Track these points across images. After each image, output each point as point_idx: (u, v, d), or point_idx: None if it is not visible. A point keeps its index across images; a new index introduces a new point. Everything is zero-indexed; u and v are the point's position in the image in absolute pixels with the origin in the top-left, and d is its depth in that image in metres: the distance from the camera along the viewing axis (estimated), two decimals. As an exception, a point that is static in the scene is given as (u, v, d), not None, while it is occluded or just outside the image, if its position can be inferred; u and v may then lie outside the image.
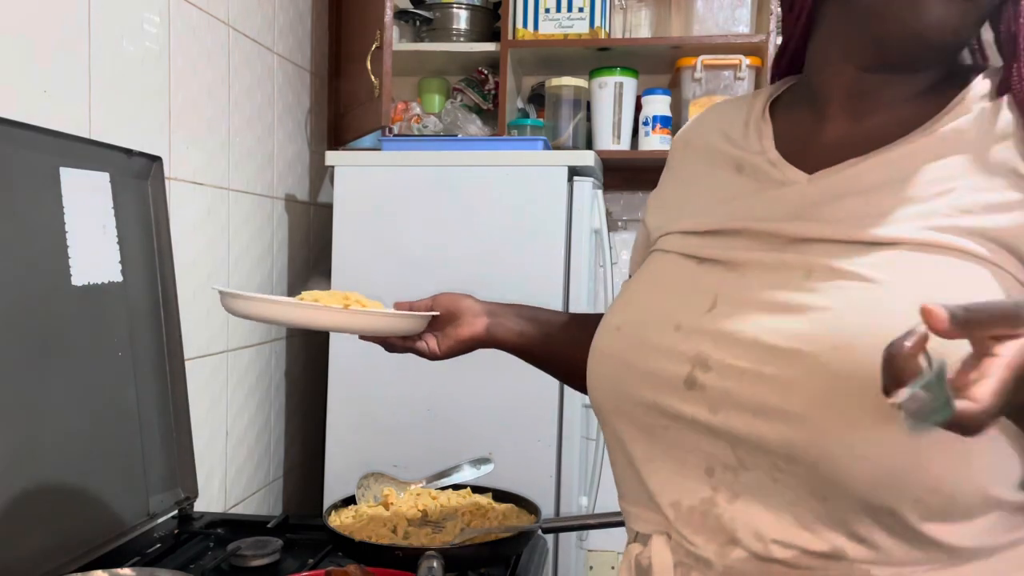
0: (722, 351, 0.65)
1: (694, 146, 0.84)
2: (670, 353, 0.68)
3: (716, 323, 0.66)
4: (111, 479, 1.22)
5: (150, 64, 1.43)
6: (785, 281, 0.64)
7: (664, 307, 0.71)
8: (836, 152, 0.69)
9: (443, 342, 0.95)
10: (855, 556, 0.62)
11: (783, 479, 0.62)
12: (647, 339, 0.70)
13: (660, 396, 0.68)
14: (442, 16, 2.28)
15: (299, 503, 2.11)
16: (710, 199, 0.76)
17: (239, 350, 1.77)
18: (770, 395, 0.62)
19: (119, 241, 1.27)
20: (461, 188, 1.80)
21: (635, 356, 0.71)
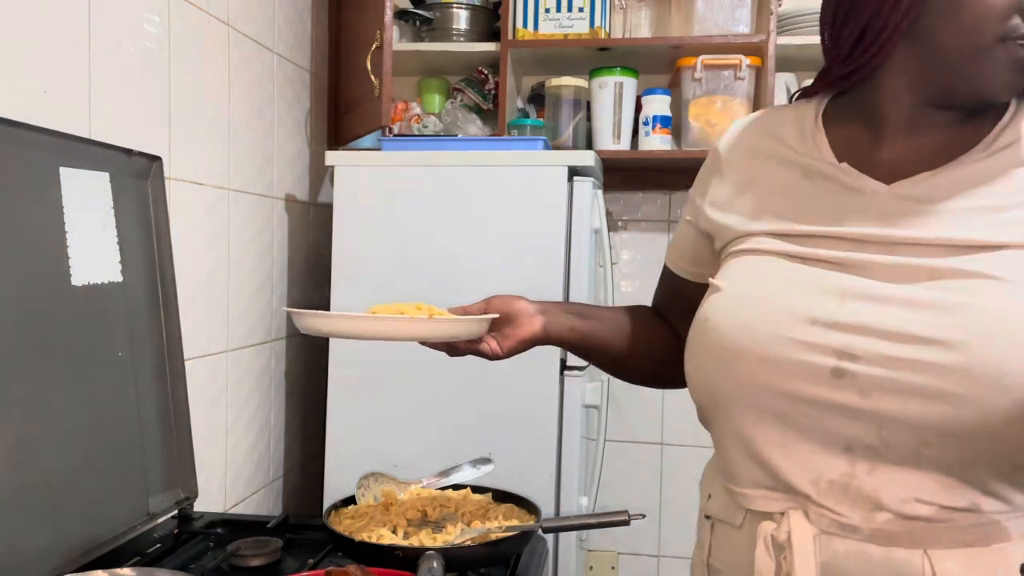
0: (869, 342, 0.73)
1: (747, 150, 0.91)
2: (812, 347, 0.76)
3: (856, 317, 0.75)
4: (111, 479, 1.22)
5: (150, 64, 1.43)
6: (911, 280, 0.74)
7: (787, 305, 0.79)
8: (900, 166, 0.79)
9: (504, 342, 0.99)
10: (989, 509, 0.74)
11: (929, 452, 0.72)
12: (781, 334, 0.78)
13: (805, 386, 0.76)
14: (442, 16, 2.28)
15: (299, 503, 2.11)
16: (787, 202, 0.84)
17: (239, 350, 1.78)
18: (930, 379, 0.71)
19: (119, 241, 1.27)
20: (461, 188, 1.80)
21: (772, 352, 0.78)
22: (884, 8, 0.77)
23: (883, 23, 0.78)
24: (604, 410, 1.86)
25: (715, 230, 0.91)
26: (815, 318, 0.77)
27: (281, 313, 1.98)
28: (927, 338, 0.71)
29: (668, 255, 1.03)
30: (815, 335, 0.76)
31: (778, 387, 0.78)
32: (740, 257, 0.86)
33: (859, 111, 0.84)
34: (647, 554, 2.41)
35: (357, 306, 1.85)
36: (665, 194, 2.46)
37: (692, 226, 0.96)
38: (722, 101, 2.10)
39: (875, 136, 0.82)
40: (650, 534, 2.39)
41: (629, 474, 2.40)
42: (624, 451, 2.40)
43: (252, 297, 1.83)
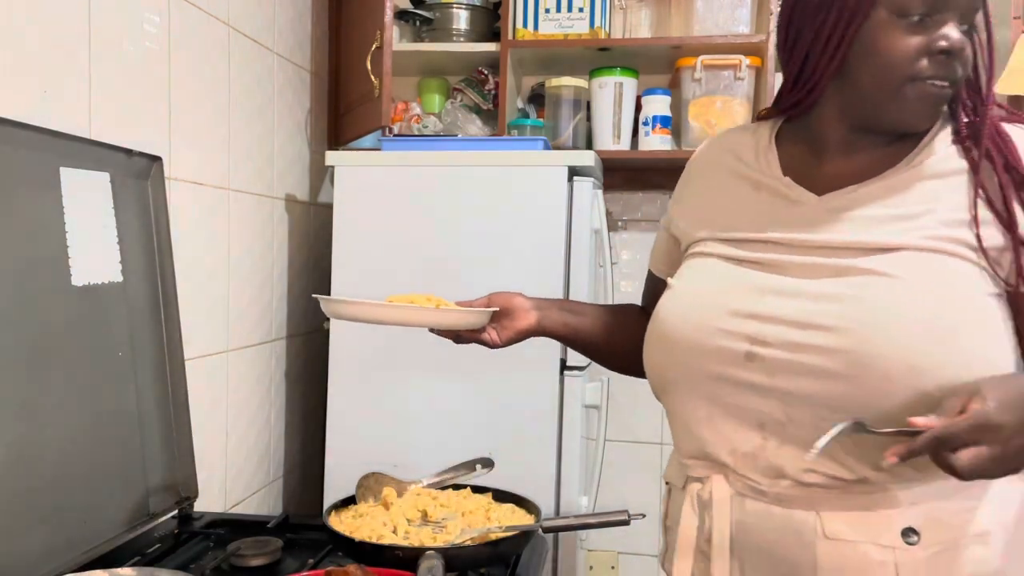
0: (777, 329, 0.86)
1: (711, 165, 1.05)
2: (730, 334, 0.90)
3: (768, 309, 0.88)
4: (111, 479, 1.22)
5: (150, 64, 1.43)
6: (820, 276, 0.87)
7: (717, 299, 0.92)
8: (835, 180, 0.91)
9: (502, 333, 1.12)
10: (877, 480, 0.85)
11: (825, 427, 0.79)
12: (707, 324, 0.92)
13: (724, 368, 0.90)
14: (442, 16, 2.28)
15: (299, 503, 2.11)
16: (737, 212, 0.97)
17: (239, 350, 1.78)
18: (822, 361, 0.83)
19: (119, 241, 1.27)
20: (461, 188, 1.80)
21: (699, 338, 0.92)
22: (815, 52, 0.89)
23: (815, 65, 0.90)
24: (604, 410, 1.86)
25: (680, 235, 1.06)
26: (736, 310, 0.90)
27: (281, 313, 1.98)
28: (822, 325, 0.84)
29: (650, 259, 1.16)
30: (734, 324, 0.90)
31: (704, 369, 0.92)
32: (690, 259, 1.01)
33: (805, 134, 0.97)
34: (647, 554, 2.41)
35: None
36: (665, 194, 2.46)
37: (667, 232, 1.10)
38: (722, 101, 2.10)
39: (817, 155, 0.95)
40: (650, 534, 2.39)
41: (629, 474, 2.40)
42: (624, 451, 2.40)
43: (252, 297, 1.83)
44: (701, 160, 1.08)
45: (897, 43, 0.84)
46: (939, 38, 0.83)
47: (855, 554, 0.86)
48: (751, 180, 0.98)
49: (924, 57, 0.84)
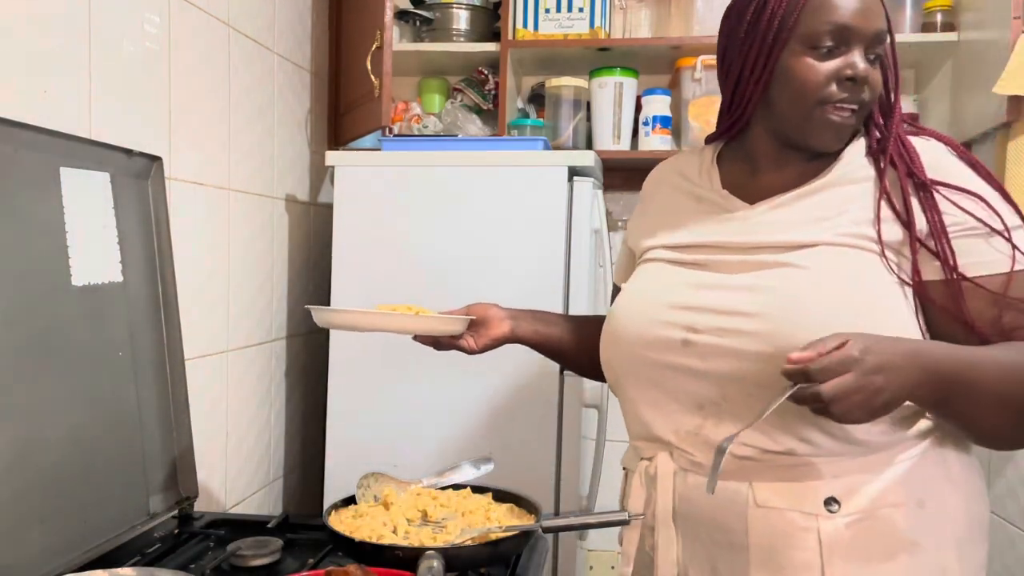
0: (708, 318, 0.98)
1: (660, 184, 1.19)
2: (669, 324, 1.01)
3: (701, 301, 1.00)
4: (111, 479, 1.22)
5: (150, 64, 1.43)
6: (746, 271, 0.99)
7: (659, 296, 1.05)
8: (767, 191, 1.03)
9: (479, 340, 1.21)
10: (802, 452, 0.95)
11: (752, 403, 0.91)
12: (649, 317, 1.03)
13: (664, 355, 1.01)
14: (442, 16, 2.28)
15: (299, 503, 2.11)
16: (681, 223, 1.09)
17: (239, 350, 1.78)
18: (746, 344, 0.94)
19: (119, 241, 1.27)
20: (461, 188, 1.80)
21: (642, 329, 1.04)
22: (743, 80, 1.01)
23: (743, 92, 1.02)
24: (604, 410, 1.86)
25: (634, 248, 1.17)
26: (674, 303, 1.02)
27: (281, 313, 1.98)
28: (745, 312, 0.95)
29: (614, 273, 1.29)
30: (672, 316, 1.01)
31: (647, 358, 1.03)
32: (640, 265, 1.13)
33: (741, 152, 1.09)
34: (647, 554, 2.41)
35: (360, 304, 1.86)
36: (665, 194, 2.46)
37: (625, 246, 1.23)
38: (722, 101, 2.10)
39: (752, 170, 1.07)
40: (650, 534, 2.38)
41: (629, 474, 2.39)
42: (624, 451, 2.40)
43: (252, 297, 1.83)
44: (652, 181, 1.22)
45: (809, 71, 0.96)
46: (846, 66, 0.95)
47: (782, 521, 0.95)
48: (694, 195, 1.10)
49: (832, 83, 0.96)
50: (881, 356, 0.83)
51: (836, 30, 0.94)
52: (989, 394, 0.89)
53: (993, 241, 0.93)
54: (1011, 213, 0.95)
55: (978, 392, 0.89)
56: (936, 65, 2.18)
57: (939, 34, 2.07)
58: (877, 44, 0.96)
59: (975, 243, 0.94)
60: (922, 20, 2.11)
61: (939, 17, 2.08)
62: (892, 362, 0.84)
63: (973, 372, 0.89)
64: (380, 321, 1.13)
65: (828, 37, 0.95)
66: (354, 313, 1.14)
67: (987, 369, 0.90)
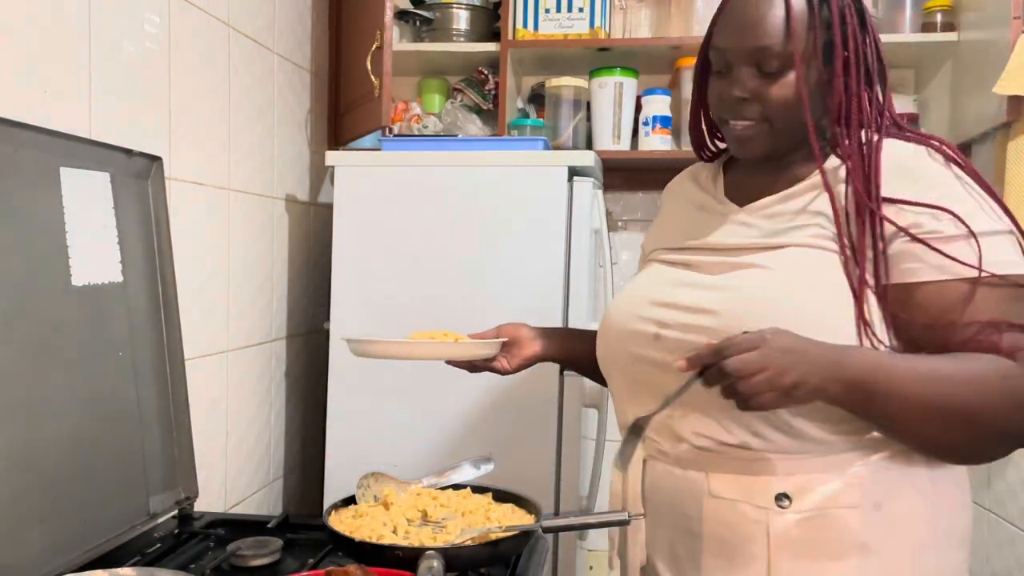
0: (676, 314, 1.02)
1: (674, 195, 1.24)
2: (644, 319, 1.06)
3: (674, 298, 1.04)
4: (111, 479, 1.22)
5: (150, 64, 1.43)
6: (718, 272, 1.03)
7: (642, 292, 1.10)
8: (758, 195, 1.07)
9: (511, 361, 1.27)
10: (756, 447, 0.97)
11: (714, 397, 0.89)
12: (631, 312, 1.09)
13: (639, 349, 1.06)
14: (442, 16, 2.28)
15: (299, 503, 2.11)
16: (682, 228, 1.15)
17: (239, 350, 1.78)
18: (705, 339, 0.94)
19: (119, 241, 1.27)
20: (461, 188, 1.80)
21: (624, 323, 1.09)
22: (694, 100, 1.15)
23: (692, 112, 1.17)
24: (604, 410, 1.86)
25: (646, 251, 1.24)
26: (653, 300, 1.06)
27: (281, 313, 1.98)
28: (708, 310, 0.99)
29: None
30: (648, 311, 1.06)
31: (626, 350, 1.08)
32: (643, 266, 1.20)
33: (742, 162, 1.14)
34: (647, 554, 2.41)
35: (357, 306, 1.85)
36: (665, 194, 2.46)
37: (642, 249, 1.28)
38: (722, 101, 2.10)
39: (748, 175, 1.11)
40: (650, 534, 2.38)
41: (629, 474, 2.39)
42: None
43: (252, 297, 1.83)
44: (667, 190, 1.27)
45: (710, 93, 1.06)
46: (729, 86, 1.02)
47: (734, 512, 0.98)
48: (698, 202, 1.15)
49: (723, 102, 1.04)
50: (791, 340, 0.86)
51: (717, 54, 1.03)
52: (923, 404, 0.89)
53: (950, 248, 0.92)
54: (991, 220, 0.94)
55: (908, 401, 0.89)
56: (936, 65, 2.18)
57: (939, 34, 2.07)
58: (764, 59, 0.98)
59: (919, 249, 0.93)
60: (922, 20, 2.11)
61: (939, 17, 2.08)
62: (802, 347, 0.86)
63: (900, 379, 0.89)
64: (418, 350, 1.18)
65: (716, 61, 1.04)
66: (391, 344, 1.18)
67: (921, 378, 0.89)
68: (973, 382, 0.89)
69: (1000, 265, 0.91)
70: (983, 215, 0.94)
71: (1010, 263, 0.92)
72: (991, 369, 0.89)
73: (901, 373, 0.89)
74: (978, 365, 0.90)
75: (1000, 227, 0.94)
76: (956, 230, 0.92)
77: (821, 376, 0.86)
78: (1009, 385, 0.89)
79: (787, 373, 0.84)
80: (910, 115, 2.14)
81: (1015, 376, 0.89)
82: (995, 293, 0.91)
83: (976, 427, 0.91)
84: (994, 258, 0.91)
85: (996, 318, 0.91)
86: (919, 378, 0.89)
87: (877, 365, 0.89)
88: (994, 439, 0.93)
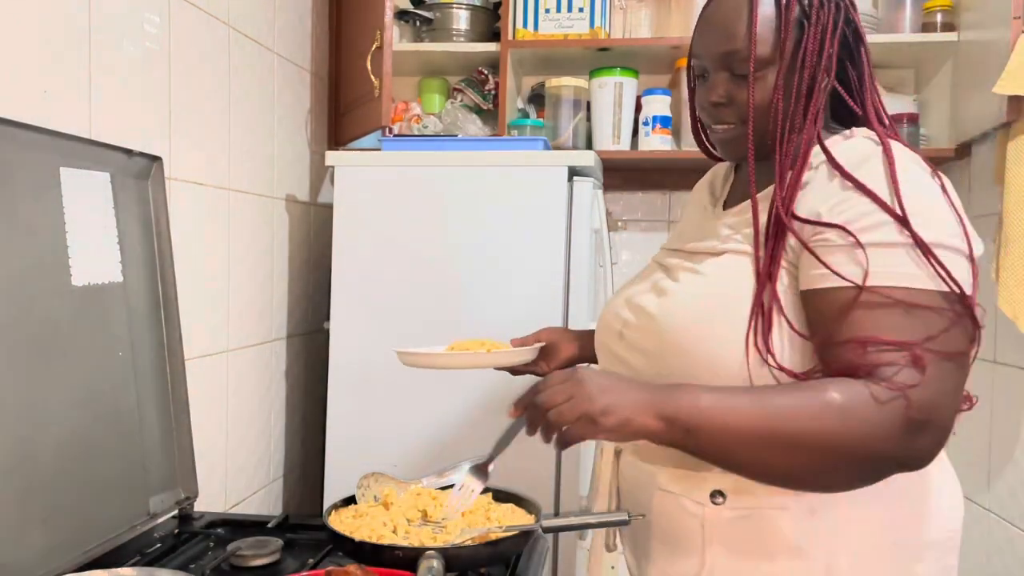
0: (633, 316, 1.07)
1: (694, 192, 1.25)
2: (615, 317, 1.11)
3: (639, 301, 1.07)
4: (111, 479, 1.22)
5: (150, 64, 1.43)
6: (672, 275, 1.06)
7: (625, 292, 1.14)
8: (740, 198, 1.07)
9: (551, 364, 1.32)
10: None
11: None
12: (611, 310, 1.14)
13: (610, 343, 1.11)
14: (442, 16, 2.28)
15: (299, 503, 2.11)
16: (682, 228, 1.18)
17: (239, 350, 1.78)
18: (647, 341, 1.03)
19: (119, 241, 1.27)
20: (461, 188, 1.80)
21: (604, 320, 1.14)
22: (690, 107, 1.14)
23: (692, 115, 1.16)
24: (604, 410, 1.86)
25: None
26: (629, 299, 1.10)
27: (281, 313, 1.98)
28: (649, 313, 1.03)
29: None
30: (620, 310, 1.10)
31: (602, 344, 1.14)
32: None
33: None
34: (647, 554, 2.41)
35: (357, 306, 1.85)
36: (665, 194, 2.46)
37: None
38: (722, 101, 2.10)
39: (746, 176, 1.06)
40: (650, 534, 2.38)
41: (629, 474, 2.39)
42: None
43: (252, 297, 1.83)
44: (692, 193, 1.27)
45: (695, 100, 1.08)
46: (707, 91, 1.03)
47: (676, 505, 1.01)
48: (702, 203, 1.17)
49: (703, 108, 1.06)
50: (607, 379, 0.90)
51: (696, 60, 1.05)
52: (753, 437, 0.86)
53: (832, 257, 0.88)
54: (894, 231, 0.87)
55: (738, 436, 0.86)
56: (936, 65, 2.18)
57: (939, 34, 2.07)
58: (735, 63, 0.99)
59: (808, 259, 0.91)
60: (922, 20, 2.11)
61: (939, 17, 2.08)
62: (617, 385, 0.90)
63: (723, 415, 0.86)
64: (467, 360, 1.26)
65: (696, 67, 1.06)
66: (441, 356, 1.27)
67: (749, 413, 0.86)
68: (806, 411, 0.85)
69: (883, 277, 0.86)
70: (886, 227, 0.87)
71: (897, 275, 0.86)
72: (834, 395, 0.84)
73: (726, 408, 0.86)
74: (816, 393, 0.85)
75: (901, 240, 0.86)
76: (842, 240, 0.88)
77: (632, 409, 0.87)
78: (850, 410, 0.83)
79: (595, 400, 0.86)
80: (910, 115, 2.14)
81: (857, 403, 0.83)
82: (873, 308, 0.85)
83: (817, 455, 0.86)
84: (882, 270, 0.86)
85: (869, 335, 0.85)
86: (747, 413, 0.86)
87: (696, 401, 0.87)
88: (844, 466, 0.87)
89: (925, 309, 0.85)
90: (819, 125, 0.98)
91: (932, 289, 0.85)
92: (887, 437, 0.83)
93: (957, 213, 0.91)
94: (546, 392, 0.89)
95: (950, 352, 0.84)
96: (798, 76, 0.97)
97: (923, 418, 0.83)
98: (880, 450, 0.85)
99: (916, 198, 0.89)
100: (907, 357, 0.83)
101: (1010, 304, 1.66)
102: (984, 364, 1.94)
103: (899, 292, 0.85)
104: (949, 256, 0.87)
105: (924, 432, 0.84)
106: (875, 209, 0.88)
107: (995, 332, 1.88)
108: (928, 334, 0.84)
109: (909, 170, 0.91)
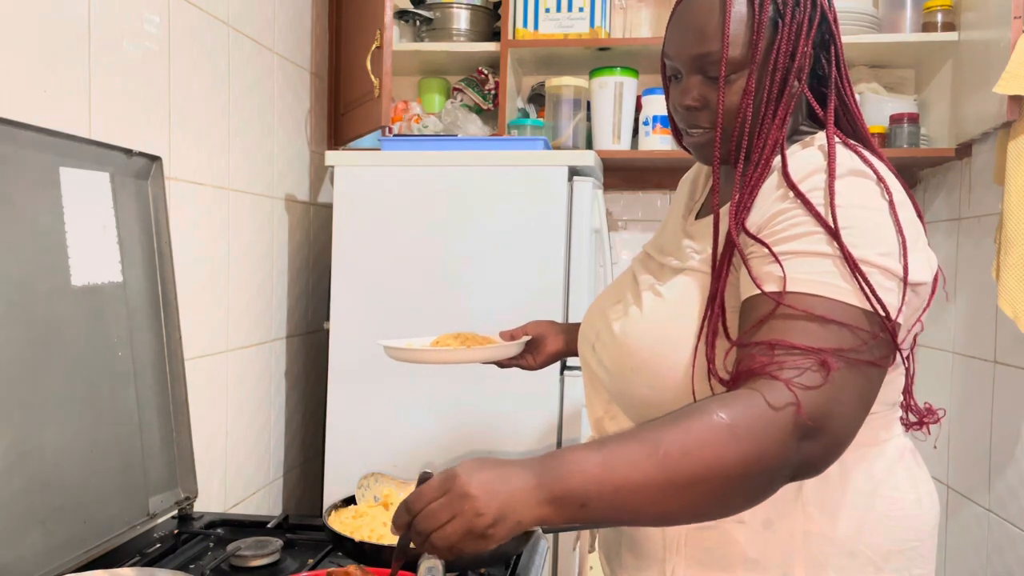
0: (602, 330, 1.07)
1: (677, 193, 1.21)
2: (593, 327, 1.10)
3: (606, 313, 1.07)
4: (111, 479, 1.22)
5: (150, 64, 1.43)
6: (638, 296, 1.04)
7: (602, 300, 1.13)
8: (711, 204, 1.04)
9: (537, 358, 1.33)
10: None
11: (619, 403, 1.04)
12: (589, 319, 1.13)
13: (587, 353, 1.12)
14: (442, 16, 2.28)
15: (299, 503, 2.11)
16: (662, 230, 1.15)
17: (239, 350, 1.78)
18: (609, 360, 1.04)
19: (119, 241, 1.27)
20: (461, 188, 1.80)
21: (583, 328, 1.14)
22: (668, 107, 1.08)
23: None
24: (604, 410, 1.86)
25: None
26: (601, 309, 1.10)
27: (281, 313, 1.98)
28: (612, 332, 1.03)
29: None
30: (595, 321, 1.10)
31: (582, 353, 1.14)
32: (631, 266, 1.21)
33: None
34: (647, 554, 2.41)
35: (357, 306, 1.85)
36: (665, 194, 2.46)
37: None
38: (722, 101, 2.10)
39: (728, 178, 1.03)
40: (650, 534, 2.38)
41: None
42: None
43: (252, 297, 1.83)
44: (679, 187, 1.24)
45: (670, 102, 1.04)
46: (681, 94, 0.99)
47: None
48: (686, 205, 1.13)
49: (676, 111, 1.02)
50: (485, 474, 0.77)
51: (668, 63, 1.02)
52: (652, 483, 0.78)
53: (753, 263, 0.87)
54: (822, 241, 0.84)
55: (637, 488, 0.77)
56: (936, 65, 2.18)
57: (939, 34, 2.07)
58: (707, 66, 0.95)
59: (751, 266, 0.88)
60: (922, 20, 2.11)
61: (939, 17, 2.08)
62: (498, 478, 0.77)
63: (613, 473, 0.78)
64: (453, 355, 1.26)
65: (669, 68, 1.02)
66: (427, 351, 1.27)
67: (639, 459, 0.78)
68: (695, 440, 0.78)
69: (805, 284, 0.83)
70: (816, 237, 0.85)
71: (820, 284, 0.83)
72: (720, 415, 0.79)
73: (615, 465, 0.78)
74: (702, 415, 0.79)
75: (829, 251, 0.84)
76: (763, 248, 0.87)
77: (522, 507, 0.77)
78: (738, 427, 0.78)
79: (481, 514, 0.76)
80: (910, 115, 2.14)
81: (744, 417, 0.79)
82: (790, 317, 0.83)
83: (717, 484, 0.79)
84: (804, 277, 0.83)
85: (780, 338, 0.82)
86: (638, 464, 0.78)
87: (583, 468, 0.78)
88: (742, 486, 0.81)
89: (842, 325, 0.81)
90: (784, 131, 0.94)
91: (855, 305, 0.82)
92: (780, 445, 0.79)
93: (902, 234, 0.86)
94: (424, 513, 0.77)
95: (859, 360, 0.81)
96: (769, 79, 0.93)
97: (814, 425, 0.79)
98: (773, 461, 0.79)
99: (851, 213, 0.85)
100: (813, 361, 0.80)
101: (1010, 304, 1.65)
102: (984, 364, 1.94)
103: (819, 302, 0.82)
104: (877, 276, 0.83)
105: (814, 439, 0.80)
106: (809, 220, 0.86)
107: (995, 332, 1.88)
108: (840, 346, 0.80)
109: (852, 185, 0.88)
